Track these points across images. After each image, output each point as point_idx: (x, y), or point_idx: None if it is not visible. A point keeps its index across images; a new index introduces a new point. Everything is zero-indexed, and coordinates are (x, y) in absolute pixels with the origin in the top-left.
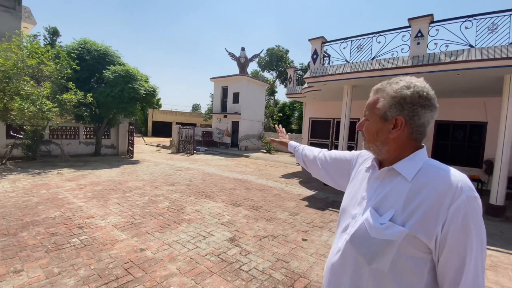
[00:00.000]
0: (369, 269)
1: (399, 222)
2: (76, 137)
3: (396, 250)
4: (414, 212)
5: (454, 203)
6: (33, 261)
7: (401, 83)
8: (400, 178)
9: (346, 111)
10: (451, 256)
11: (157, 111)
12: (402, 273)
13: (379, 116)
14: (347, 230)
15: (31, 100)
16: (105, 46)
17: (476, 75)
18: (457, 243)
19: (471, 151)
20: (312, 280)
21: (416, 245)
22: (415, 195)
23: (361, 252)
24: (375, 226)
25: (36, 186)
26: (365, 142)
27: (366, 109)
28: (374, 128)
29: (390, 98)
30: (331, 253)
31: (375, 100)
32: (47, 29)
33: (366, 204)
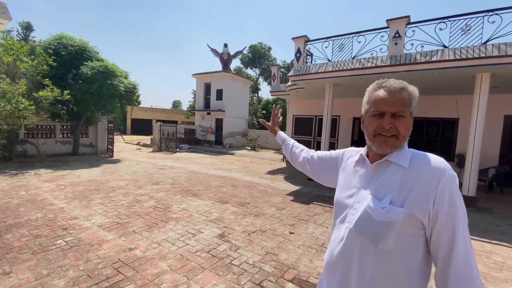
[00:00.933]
0: (375, 250)
1: (397, 204)
2: (53, 136)
3: (397, 229)
4: (409, 194)
5: (441, 181)
6: (20, 263)
7: (408, 85)
8: (393, 166)
9: (328, 108)
10: (443, 227)
11: (136, 108)
12: (404, 249)
13: (410, 112)
14: (347, 219)
15: (7, 99)
16: (83, 42)
17: (449, 74)
18: (447, 215)
19: (444, 145)
20: (300, 270)
21: (413, 222)
22: (408, 179)
23: (366, 235)
24: (378, 210)
25: (15, 188)
26: (396, 138)
27: (399, 106)
28: (409, 123)
29: (415, 97)
30: (333, 243)
31: (409, 98)
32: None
33: (363, 193)
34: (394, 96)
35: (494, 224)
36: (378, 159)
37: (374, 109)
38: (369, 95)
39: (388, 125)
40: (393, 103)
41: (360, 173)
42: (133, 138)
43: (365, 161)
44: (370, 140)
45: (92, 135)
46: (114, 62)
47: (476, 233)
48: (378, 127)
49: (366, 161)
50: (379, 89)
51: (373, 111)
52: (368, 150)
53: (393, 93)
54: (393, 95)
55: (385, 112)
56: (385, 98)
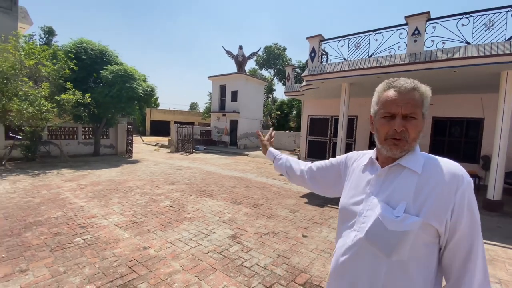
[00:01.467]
0: (387, 262)
1: (412, 213)
2: (75, 137)
3: (412, 239)
4: (426, 202)
5: (460, 189)
6: (38, 261)
7: (420, 84)
8: (406, 171)
9: (344, 108)
10: (462, 238)
11: (155, 110)
12: (418, 259)
13: (423, 113)
14: (355, 227)
15: (29, 101)
16: (102, 46)
17: (473, 72)
18: (467, 225)
19: (468, 147)
20: (313, 275)
21: (429, 232)
22: (424, 186)
23: (379, 246)
24: (392, 219)
25: (37, 187)
26: (406, 141)
27: (411, 107)
28: (421, 125)
29: (427, 97)
30: (339, 252)
31: (421, 99)
32: (42, 29)
33: (373, 200)
34: (405, 96)
35: None
36: (389, 163)
37: (384, 111)
38: (378, 95)
39: (399, 128)
40: (404, 104)
41: (369, 177)
42: (152, 139)
43: (374, 165)
44: (381, 143)
45: (112, 137)
46: (133, 66)
47: (501, 239)
48: (390, 131)
49: (376, 164)
50: (389, 89)
51: (383, 113)
52: (378, 153)
53: (404, 94)
54: (404, 95)
55: (396, 114)
56: (396, 99)
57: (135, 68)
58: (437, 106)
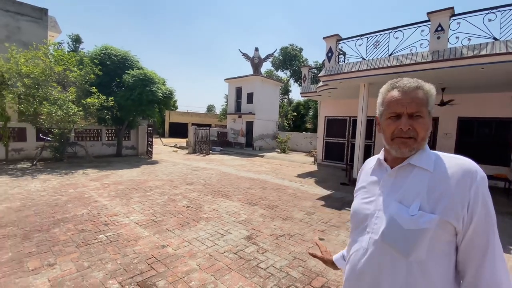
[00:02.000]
0: (406, 262)
1: (427, 210)
2: (99, 139)
3: (429, 237)
4: (441, 199)
5: (474, 184)
6: (65, 255)
7: (424, 83)
8: (417, 170)
9: (362, 109)
10: (477, 232)
11: (173, 113)
12: (437, 258)
13: (429, 111)
14: (368, 229)
15: (58, 105)
16: (125, 51)
17: (502, 69)
18: (481, 219)
19: (497, 148)
20: (329, 279)
21: (446, 229)
22: (436, 183)
23: (396, 246)
24: (407, 218)
25: (65, 186)
26: (415, 140)
27: (416, 106)
28: (428, 124)
29: (432, 95)
30: (354, 256)
31: (426, 98)
32: (70, 37)
33: (384, 200)
34: (409, 96)
35: None
36: (399, 163)
37: (389, 111)
38: (382, 96)
39: (406, 127)
40: (408, 103)
41: (379, 179)
42: (171, 141)
43: (383, 166)
44: (388, 143)
45: (134, 138)
46: (153, 70)
47: None
48: (395, 130)
49: (384, 165)
50: (393, 89)
51: (388, 113)
52: (386, 154)
53: (408, 93)
54: (408, 95)
55: (402, 114)
56: (400, 98)
57: (155, 72)
58: (463, 106)
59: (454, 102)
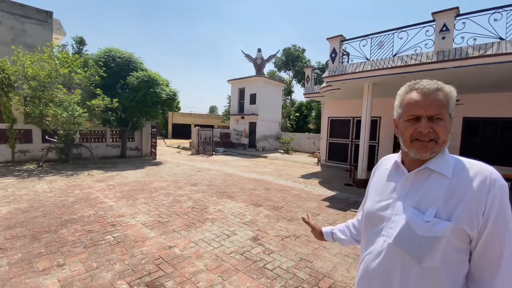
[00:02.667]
0: (418, 268)
1: (443, 217)
2: (104, 140)
3: (444, 244)
4: (457, 206)
5: (491, 192)
6: (73, 256)
7: (444, 84)
8: (435, 175)
9: (367, 109)
10: (491, 241)
11: (176, 114)
12: (450, 265)
13: (449, 114)
14: (383, 232)
15: (63, 107)
16: (129, 53)
17: (507, 69)
18: (496, 227)
19: (503, 149)
20: (336, 280)
21: (460, 236)
22: (454, 189)
23: (409, 251)
24: (422, 224)
25: (71, 187)
26: (436, 143)
27: (436, 108)
28: (449, 126)
29: (453, 97)
30: (368, 258)
31: (444, 98)
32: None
33: (401, 204)
34: (429, 98)
35: None
36: (417, 166)
37: (408, 113)
38: (401, 98)
39: (426, 129)
40: (428, 105)
41: (396, 182)
42: (174, 142)
43: (400, 169)
44: (407, 146)
45: (138, 139)
46: (157, 72)
47: None
48: (414, 132)
49: (401, 168)
50: (412, 91)
51: (407, 116)
52: (404, 157)
53: (427, 95)
54: (428, 96)
55: (421, 116)
56: (419, 100)
57: (158, 73)
58: (468, 105)
59: (459, 102)
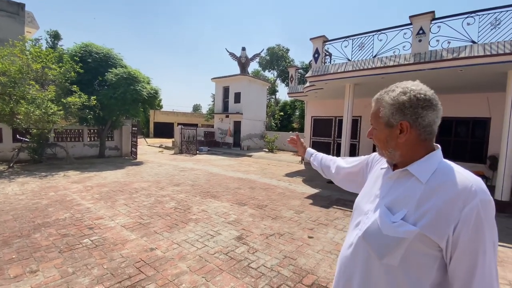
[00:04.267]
0: (379, 263)
1: (410, 221)
2: (81, 140)
3: (406, 247)
4: (426, 213)
5: (467, 205)
6: (47, 262)
7: (397, 90)
8: (414, 179)
9: (348, 109)
10: (463, 257)
11: (158, 112)
12: (411, 268)
13: (384, 124)
14: (359, 226)
15: (36, 104)
16: (107, 49)
17: (479, 71)
18: (469, 245)
19: (474, 147)
20: (319, 276)
21: (426, 243)
22: (428, 197)
23: (373, 247)
24: (387, 224)
25: (44, 189)
26: (378, 149)
27: (371, 118)
28: (383, 135)
29: (389, 106)
30: (344, 246)
31: (377, 109)
32: (48, 33)
33: (378, 201)
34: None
35: None
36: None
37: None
38: None
39: (368, 136)
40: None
41: (383, 180)
42: (156, 141)
43: (389, 168)
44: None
45: (117, 138)
46: (137, 68)
47: (510, 240)
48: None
49: (389, 168)
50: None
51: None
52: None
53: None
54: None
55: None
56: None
57: (139, 70)
58: (442, 106)
59: None
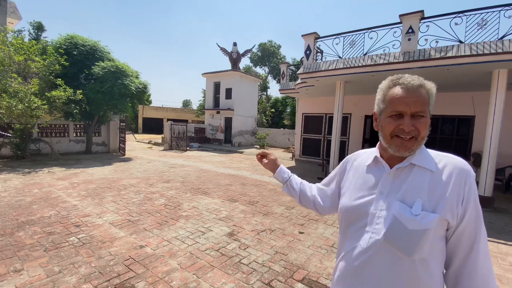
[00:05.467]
0: (409, 261)
1: (428, 210)
2: (66, 135)
3: (431, 235)
4: (441, 198)
5: (468, 182)
6: (32, 260)
7: (426, 81)
8: (417, 169)
9: (338, 106)
10: (467, 227)
11: (147, 108)
12: (436, 254)
13: (429, 111)
14: (368, 228)
15: (19, 98)
16: (93, 41)
17: (465, 70)
18: (472, 214)
19: (459, 144)
20: (310, 271)
21: (443, 226)
22: (437, 182)
23: (399, 246)
24: (411, 218)
25: (28, 186)
26: (416, 140)
27: (420, 105)
28: (428, 123)
29: (433, 94)
30: (351, 255)
31: (426, 95)
32: (31, 24)
33: (385, 199)
34: (413, 94)
35: (511, 224)
36: (396, 160)
37: (391, 109)
38: (383, 92)
39: (409, 128)
40: (413, 102)
41: (376, 177)
42: (145, 137)
43: (380, 164)
44: (387, 142)
45: (105, 134)
46: (125, 62)
47: (492, 235)
48: (396, 129)
49: (382, 163)
50: (395, 86)
51: (390, 112)
52: (382, 151)
53: (411, 91)
54: (412, 93)
55: (405, 113)
56: (403, 96)
57: (127, 64)
58: None
59: None
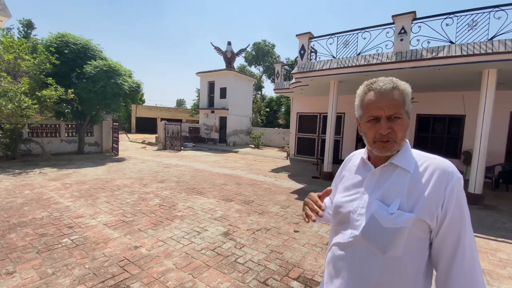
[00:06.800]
0: (383, 258)
1: (406, 209)
2: (58, 135)
3: (406, 235)
4: (419, 198)
5: (449, 185)
6: (24, 263)
7: (399, 81)
8: (399, 170)
9: (332, 106)
10: (450, 230)
11: (140, 107)
12: (411, 253)
13: (406, 112)
14: (350, 225)
15: (8, 97)
16: (85, 40)
17: (456, 70)
18: (454, 217)
19: (450, 142)
20: (305, 269)
21: (421, 227)
22: (416, 183)
23: (375, 243)
24: (387, 216)
25: (19, 187)
26: (394, 142)
27: (393, 108)
28: (406, 124)
29: (408, 93)
30: (335, 248)
31: (400, 96)
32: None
33: (367, 198)
34: (386, 98)
35: (500, 221)
36: (382, 161)
37: (368, 115)
38: (360, 99)
39: (385, 131)
40: (386, 106)
41: (363, 177)
42: (138, 137)
43: (367, 165)
44: (370, 145)
45: (97, 134)
46: (118, 61)
47: (482, 231)
48: (376, 134)
49: (368, 164)
50: (369, 91)
51: (367, 117)
52: (369, 153)
53: (384, 95)
54: (385, 97)
55: (380, 117)
56: (377, 101)
57: (120, 63)
58: (421, 103)
59: (414, 100)
